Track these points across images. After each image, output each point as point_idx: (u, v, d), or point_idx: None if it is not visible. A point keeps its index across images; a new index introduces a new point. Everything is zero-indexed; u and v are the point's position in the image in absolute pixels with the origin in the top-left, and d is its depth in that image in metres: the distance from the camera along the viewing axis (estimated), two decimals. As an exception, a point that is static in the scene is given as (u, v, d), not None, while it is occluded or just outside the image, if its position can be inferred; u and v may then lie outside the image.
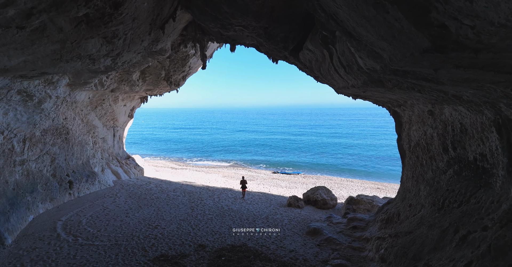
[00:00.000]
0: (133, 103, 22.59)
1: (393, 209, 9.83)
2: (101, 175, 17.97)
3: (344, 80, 9.38)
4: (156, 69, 17.13)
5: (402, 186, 10.39)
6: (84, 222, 11.92)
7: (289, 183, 25.83)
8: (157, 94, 21.28)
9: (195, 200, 16.73)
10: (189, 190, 19.51)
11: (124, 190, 17.53)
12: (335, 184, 25.44)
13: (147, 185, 19.75)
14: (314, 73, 11.45)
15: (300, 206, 16.06)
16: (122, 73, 15.93)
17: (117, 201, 15.19)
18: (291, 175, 30.45)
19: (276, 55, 12.11)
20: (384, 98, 9.73)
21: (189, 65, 17.80)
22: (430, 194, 7.93)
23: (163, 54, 13.25)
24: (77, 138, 16.16)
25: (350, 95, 11.33)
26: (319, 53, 9.71)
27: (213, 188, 21.43)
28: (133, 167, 22.61)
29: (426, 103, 7.81)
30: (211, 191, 19.90)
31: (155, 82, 18.46)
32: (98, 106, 18.33)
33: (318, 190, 17.09)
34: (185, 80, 20.17)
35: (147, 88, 19.17)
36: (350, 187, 24.17)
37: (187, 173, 29.14)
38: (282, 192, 21.98)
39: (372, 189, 23.13)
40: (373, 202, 14.04)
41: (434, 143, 8.00)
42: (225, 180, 26.08)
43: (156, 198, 16.34)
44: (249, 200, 18.10)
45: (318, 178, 28.85)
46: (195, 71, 21.07)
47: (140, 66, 15.30)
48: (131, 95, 20.16)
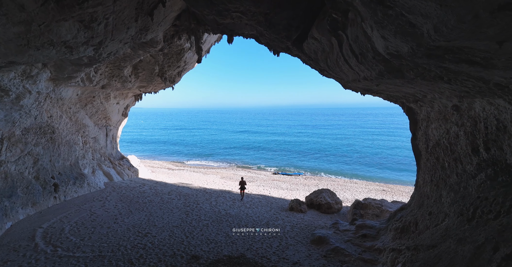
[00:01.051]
0: (126, 101, 21.54)
1: (409, 216, 8.79)
2: (91, 177, 16.92)
3: (354, 72, 8.34)
4: (149, 64, 16.09)
5: (418, 191, 9.36)
6: (67, 229, 10.87)
7: (290, 185, 24.80)
8: (151, 92, 20.23)
9: (190, 203, 15.69)
10: (185, 193, 18.47)
11: (115, 193, 16.48)
12: (338, 186, 24.40)
13: (141, 187, 18.70)
14: (319, 65, 10.41)
15: (302, 210, 15.03)
16: (112, 68, 14.90)
17: (107, 205, 14.14)
18: (292, 176, 29.41)
19: (277, 46, 11.07)
20: (399, 93, 8.70)
21: (185, 60, 16.76)
22: (456, 202, 6.89)
23: (155, 46, 12.21)
24: (64, 138, 15.11)
25: (359, 90, 10.29)
26: (326, 42, 8.68)
27: (210, 190, 20.40)
28: (126, 168, 21.57)
29: (451, 96, 6.78)
30: (208, 194, 18.86)
31: (149, 78, 17.43)
32: (88, 104, 17.28)
33: (321, 193, 16.05)
34: (181, 77, 19.12)
35: (141, 84, 18.13)
36: (354, 189, 23.12)
37: (184, 174, 28.11)
38: (283, 194, 20.95)
39: (377, 192, 22.10)
40: (382, 206, 13.01)
41: (460, 142, 6.96)
42: (223, 181, 25.04)
43: (149, 202, 15.29)
44: (248, 203, 17.07)
45: (321, 179, 27.81)
46: (191, 67, 20.03)
47: (131, 60, 14.26)
48: (124, 93, 19.11)
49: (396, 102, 10.33)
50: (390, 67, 6.48)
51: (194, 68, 21.07)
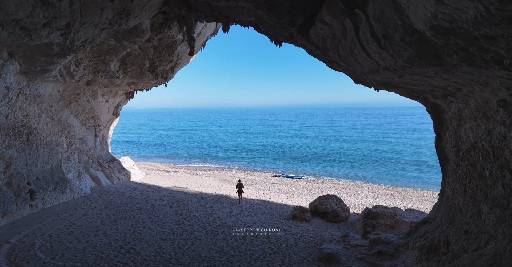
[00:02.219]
0: (117, 100, 20.14)
1: (436, 233, 7.41)
2: (75, 181, 15.52)
3: (372, 61, 6.96)
4: (138, 58, 14.70)
5: (446, 203, 7.96)
6: (38, 244, 9.48)
7: (291, 188, 23.41)
8: (143, 89, 18.84)
9: (183, 211, 14.30)
10: (179, 198, 17.08)
11: (101, 199, 15.08)
12: (343, 189, 23.00)
13: (131, 192, 17.31)
14: (328, 56, 9.02)
15: (306, 219, 13.64)
16: (97, 62, 13.50)
17: (89, 214, 12.75)
18: (293, 178, 28.01)
19: (279, 34, 9.69)
20: (425, 86, 7.32)
21: (178, 54, 15.38)
22: (504, 221, 5.50)
23: (141, 36, 10.82)
24: (44, 139, 13.71)
25: (374, 84, 8.91)
26: (338, 26, 7.30)
27: (206, 195, 19.01)
28: (117, 171, 20.17)
29: (499, 89, 5.40)
30: (204, 199, 17.48)
31: (139, 74, 16.04)
32: (73, 102, 15.89)
33: (327, 200, 14.66)
34: (175, 73, 17.73)
35: (130, 81, 16.74)
36: (360, 193, 21.73)
37: (180, 176, 26.71)
38: (284, 199, 19.56)
39: (385, 196, 20.70)
40: (396, 216, 11.61)
41: (510, 147, 5.58)
42: (221, 185, 23.65)
43: (137, 209, 13.90)
44: (246, 210, 15.69)
45: (324, 182, 26.41)
46: (186, 62, 18.64)
47: (117, 52, 12.86)
48: (113, 90, 17.71)
49: (416, 98, 8.95)
50: (424, 51, 5.11)
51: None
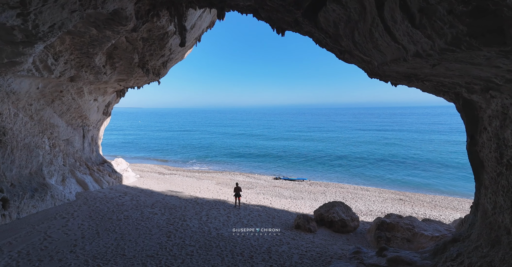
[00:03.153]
0: (107, 98, 18.83)
1: (475, 258, 6.10)
2: (58, 187, 14.21)
3: (399, 46, 5.63)
4: (126, 52, 13.39)
5: (484, 219, 6.66)
6: (3, 264, 8.17)
7: (293, 192, 22.08)
8: (133, 86, 17.54)
9: (175, 220, 12.99)
10: (172, 205, 15.78)
11: (86, 207, 13.77)
12: (348, 193, 21.68)
13: (120, 198, 16.00)
14: (339, 44, 7.71)
15: (311, 229, 12.32)
16: (80, 56, 12.19)
17: (70, 224, 11.44)
18: (295, 181, 26.69)
19: (282, 20, 8.37)
20: (462, 78, 6.00)
21: (170, 47, 14.06)
22: None
23: (124, 23, 9.50)
24: (21, 141, 12.41)
25: (394, 77, 7.59)
26: (355, 5, 5.98)
27: (202, 200, 17.71)
28: (107, 174, 18.85)
29: None
30: (199, 205, 16.18)
31: (128, 69, 14.73)
32: (56, 100, 14.58)
33: (334, 207, 13.34)
34: (167, 68, 16.43)
35: (119, 77, 15.44)
36: (367, 197, 20.39)
37: (176, 179, 25.40)
38: (286, 204, 18.25)
39: (394, 201, 19.37)
40: (414, 228, 10.29)
41: None
42: (218, 188, 22.34)
43: (124, 219, 12.59)
44: (245, 218, 14.38)
45: (327, 185, 25.07)
46: (180, 57, 17.34)
47: (101, 44, 11.54)
48: (101, 87, 16.40)
49: (444, 94, 7.62)
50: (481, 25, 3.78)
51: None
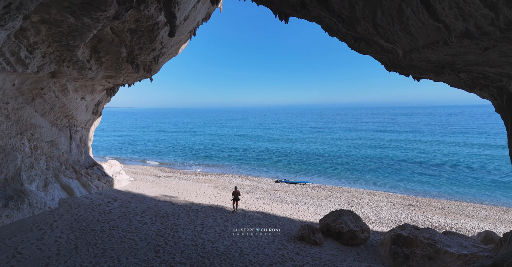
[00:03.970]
0: (96, 96, 17.57)
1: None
2: (38, 193, 12.96)
3: (438, 25, 4.37)
4: (112, 45, 12.12)
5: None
6: (-44, 290, 6.93)
7: (295, 197, 20.83)
8: (124, 84, 16.28)
9: (167, 230, 11.74)
10: (164, 212, 14.53)
11: (68, 215, 12.52)
12: (353, 198, 20.42)
13: (108, 205, 14.74)
14: (354, 30, 6.45)
15: (317, 241, 11.07)
16: (59, 48, 10.94)
17: (46, 237, 10.19)
18: (297, 184, 25.44)
19: (285, 4, 7.11)
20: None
21: (161, 40, 12.81)
22: None
23: (103, 9, 8.25)
24: (-6, 143, 11.14)
25: (421, 68, 6.34)
26: (381, -25, 4.73)
27: (198, 206, 16.47)
28: (96, 178, 17.60)
29: None
30: (194, 213, 14.94)
31: (116, 65, 13.48)
32: (37, 98, 13.33)
33: (341, 216, 12.08)
34: (160, 64, 15.17)
35: (107, 74, 14.19)
36: (374, 203, 19.13)
37: (172, 182, 24.14)
38: (288, 211, 17.00)
39: (403, 207, 18.10)
40: (436, 243, 9.03)
41: None
42: (216, 192, 21.09)
43: (110, 230, 11.33)
44: (244, 227, 13.13)
45: (331, 189, 23.79)
46: (174, 53, 16.09)
47: (82, 35, 10.29)
48: (87, 85, 15.14)
49: (482, 89, 6.36)
50: None
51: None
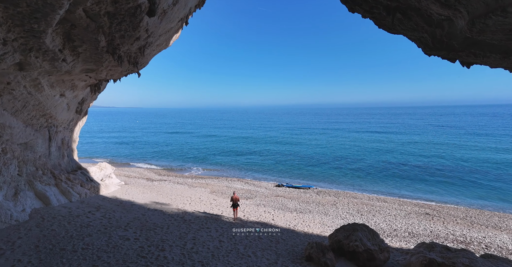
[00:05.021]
0: (79, 93, 15.85)
1: None
2: (5, 204, 11.24)
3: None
4: (88, 31, 10.37)
5: None
6: None
7: (299, 204, 19.08)
8: (108, 79, 14.55)
9: (151, 249, 10.01)
10: (152, 224, 12.80)
11: (38, 230, 10.79)
12: (362, 205, 18.65)
13: (89, 216, 13.01)
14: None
15: (328, 263, 9.32)
16: (23, 35, 9.17)
17: (2, 261, 8.45)
18: (300, 189, 23.69)
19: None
20: None
21: (146, 27, 11.08)
22: None
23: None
24: None
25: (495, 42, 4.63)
26: None
27: (191, 216, 14.74)
28: (79, 184, 15.88)
29: None
30: (187, 224, 13.21)
31: (95, 56, 11.74)
32: (5, 95, 11.61)
33: (355, 232, 10.32)
34: (147, 57, 13.44)
35: (86, 67, 12.46)
36: (385, 211, 17.37)
37: (165, 187, 22.41)
38: (291, 221, 15.26)
39: (419, 216, 16.33)
40: (478, 273, 7.26)
41: None
42: (212, 198, 19.36)
43: (83, 249, 9.59)
44: (242, 242, 11.42)
45: (337, 194, 22.03)
46: (164, 44, 14.36)
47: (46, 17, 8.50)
48: (65, 79, 13.40)
49: None
50: None
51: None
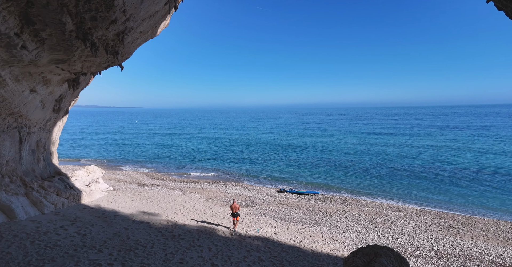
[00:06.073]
0: (54, 90, 13.93)
1: None
2: (-47, 220, 9.31)
3: None
4: (49, 11, 8.46)
5: None
6: None
7: (304, 213, 17.13)
8: (85, 72, 12.60)
9: (126, 279, 8.09)
10: (134, 241, 10.88)
11: (-10, 254, 8.88)
12: (375, 215, 16.68)
13: (60, 232, 11.09)
14: None
15: (347, 301, 7.38)
16: (-37, 13, 7.29)
17: None
18: (304, 195, 21.74)
19: None
20: None
21: (123, 8, 9.14)
22: None
23: None
24: None
25: None
26: None
27: (182, 230, 12.82)
28: (55, 192, 13.97)
29: None
30: (175, 241, 11.30)
31: (63, 43, 9.82)
32: (-45, 89, 9.70)
33: (378, 258, 8.34)
34: (129, 46, 11.51)
35: (55, 56, 10.54)
36: (402, 222, 15.40)
37: (157, 193, 20.48)
38: (297, 236, 13.31)
39: (442, 229, 14.35)
40: None
41: None
42: (207, 207, 17.43)
43: (39, 280, 7.68)
44: (239, 266, 9.48)
45: (346, 201, 20.04)
46: (150, 31, 12.41)
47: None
48: (33, 72, 11.47)
49: None
50: None
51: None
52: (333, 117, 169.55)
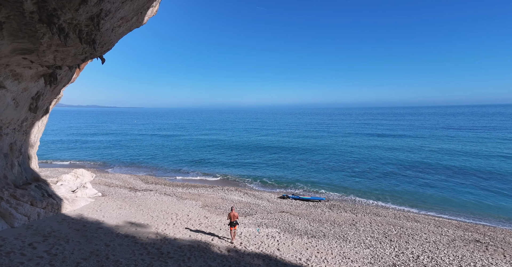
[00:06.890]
0: (28, 86, 12.32)
1: None
2: None
3: None
4: (1, -15, 6.83)
5: None
6: None
7: (309, 223, 15.47)
8: (60, 64, 10.97)
9: None
10: (113, 263, 9.24)
11: None
12: (389, 226, 15.01)
13: (26, 252, 9.47)
14: None
15: None
16: None
17: None
18: (309, 202, 20.07)
19: None
20: None
21: (94, -18, 7.49)
22: None
23: None
24: None
25: None
26: None
27: (172, 245, 11.18)
28: (28, 202, 12.35)
29: None
30: (162, 261, 9.67)
31: (26, 28, 8.21)
32: None
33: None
34: (108, 33, 9.88)
35: (19, 45, 8.94)
36: (420, 235, 13.71)
37: (149, 199, 18.84)
38: (302, 252, 11.64)
39: (468, 244, 12.67)
40: None
41: None
42: (203, 216, 15.78)
43: None
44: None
45: (355, 210, 18.35)
46: (135, 19, 10.80)
47: None
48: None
49: None
50: None
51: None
52: (335, 117, 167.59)
